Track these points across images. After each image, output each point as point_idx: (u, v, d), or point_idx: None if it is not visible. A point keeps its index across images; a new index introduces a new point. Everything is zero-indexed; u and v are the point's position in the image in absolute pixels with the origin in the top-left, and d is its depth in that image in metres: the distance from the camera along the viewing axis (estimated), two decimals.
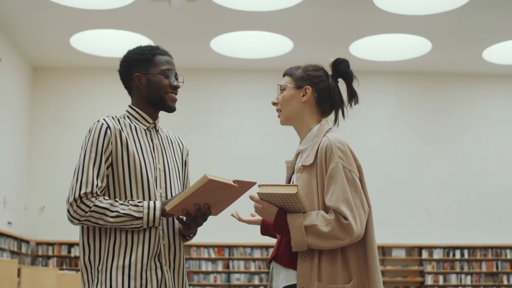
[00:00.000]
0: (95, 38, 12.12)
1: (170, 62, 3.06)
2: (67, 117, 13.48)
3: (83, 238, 2.88)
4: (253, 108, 13.72)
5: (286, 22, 11.24)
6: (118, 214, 2.75)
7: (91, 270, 2.82)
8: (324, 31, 11.68)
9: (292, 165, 2.99)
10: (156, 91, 2.99)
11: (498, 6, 10.60)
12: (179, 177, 3.04)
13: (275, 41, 12.12)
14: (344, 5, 10.55)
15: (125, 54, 3.13)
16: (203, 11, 10.78)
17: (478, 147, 13.78)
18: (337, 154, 2.72)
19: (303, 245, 2.63)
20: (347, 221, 2.61)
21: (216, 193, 2.72)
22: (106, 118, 2.91)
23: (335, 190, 2.66)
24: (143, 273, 2.77)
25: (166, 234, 2.88)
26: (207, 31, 11.56)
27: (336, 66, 2.98)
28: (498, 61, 13.01)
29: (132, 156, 2.84)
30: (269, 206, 2.70)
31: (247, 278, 13.15)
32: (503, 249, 13.45)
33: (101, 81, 13.61)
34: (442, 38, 11.88)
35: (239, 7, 10.48)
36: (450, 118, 13.90)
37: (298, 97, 2.93)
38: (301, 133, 2.96)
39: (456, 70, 13.76)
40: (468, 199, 13.44)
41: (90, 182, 2.77)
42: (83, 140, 2.89)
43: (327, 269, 2.66)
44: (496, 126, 13.95)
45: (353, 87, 2.95)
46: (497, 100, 14.14)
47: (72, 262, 12.88)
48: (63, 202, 12.35)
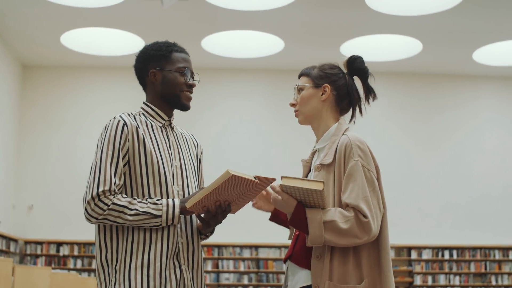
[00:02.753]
0: (86, 36, 12.08)
1: (186, 59, 3.02)
2: (57, 115, 13.43)
3: (100, 237, 2.82)
4: (244, 107, 13.71)
5: (277, 21, 11.23)
6: (137, 212, 2.70)
7: (108, 269, 2.77)
8: (315, 31, 11.69)
9: (308, 163, 2.97)
10: (171, 89, 2.94)
11: (489, 8, 10.63)
12: (195, 175, 3.00)
13: (266, 40, 12.12)
14: (336, 5, 10.55)
15: (141, 50, 3.07)
16: (194, 10, 10.76)
17: (467, 147, 13.82)
18: (356, 152, 2.72)
19: (320, 240, 2.61)
20: (367, 219, 2.61)
21: (237, 190, 2.69)
22: (122, 115, 2.87)
23: (354, 188, 2.66)
24: (162, 272, 2.73)
25: (184, 232, 2.84)
26: (198, 30, 11.54)
27: (352, 63, 2.96)
28: (488, 63, 13.05)
29: (149, 153, 2.80)
30: (289, 198, 2.66)
31: (237, 277, 13.13)
32: (492, 249, 13.49)
33: (91, 79, 13.57)
34: (433, 39, 11.91)
35: (231, 6, 10.46)
36: (440, 118, 13.93)
37: (317, 96, 2.92)
38: (319, 132, 2.94)
39: (447, 71, 13.80)
40: (457, 199, 13.47)
41: (108, 180, 2.72)
42: (98, 138, 2.84)
43: (339, 268, 2.64)
44: (486, 127, 14.00)
45: (369, 84, 2.95)
46: (487, 101, 14.19)
47: (60, 261, 12.83)
48: (52, 200, 12.33)
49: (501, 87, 14.15)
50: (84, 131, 13.31)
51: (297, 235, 2.82)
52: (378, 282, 2.67)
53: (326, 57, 12.19)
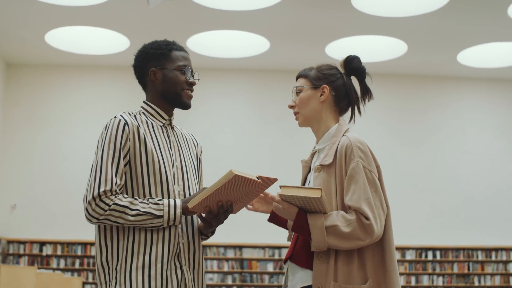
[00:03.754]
0: (71, 35, 12.01)
1: (186, 58, 3.01)
2: (41, 114, 13.36)
3: (100, 238, 2.79)
4: (229, 107, 13.70)
5: (263, 22, 11.23)
6: (138, 212, 2.68)
7: (108, 270, 2.75)
8: (301, 32, 11.70)
9: (307, 164, 2.98)
10: (172, 87, 2.93)
11: (473, 10, 10.68)
12: (195, 175, 2.99)
13: (251, 40, 12.11)
14: (322, 6, 10.56)
15: (140, 49, 3.04)
16: (180, 10, 10.74)
17: (451, 148, 13.89)
18: (357, 154, 2.72)
19: (324, 245, 2.62)
20: (369, 221, 2.61)
21: (239, 190, 2.68)
22: (123, 114, 2.84)
23: (356, 189, 2.66)
24: (164, 273, 2.72)
25: (185, 233, 2.83)
26: (183, 30, 11.52)
27: (349, 63, 2.99)
28: (473, 64, 13.11)
29: (151, 153, 2.78)
30: (290, 207, 2.67)
31: (220, 278, 13.12)
32: (475, 250, 13.56)
33: (76, 78, 13.50)
34: (418, 40, 11.95)
35: (216, 6, 10.45)
36: (425, 120, 13.98)
37: (316, 97, 2.91)
38: (319, 133, 2.94)
39: (432, 72, 13.85)
40: (441, 200, 13.53)
41: (109, 180, 2.69)
42: (99, 137, 2.81)
43: (343, 269, 2.65)
44: (470, 128, 14.07)
45: (366, 84, 2.98)
46: (471, 102, 14.25)
47: (43, 260, 12.76)
48: (36, 200, 12.25)
49: (485, 89, 14.23)
50: (68, 131, 13.25)
51: (297, 236, 2.82)
52: (383, 282, 2.68)
53: (312, 57, 12.35)
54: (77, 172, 12.95)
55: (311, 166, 2.95)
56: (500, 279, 13.44)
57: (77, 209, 12.69)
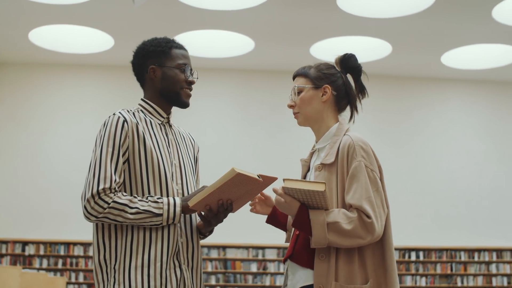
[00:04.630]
0: (55, 33, 11.93)
1: (186, 56, 3.00)
2: (24, 113, 13.27)
3: (98, 236, 2.76)
4: (213, 107, 13.68)
5: (248, 21, 11.23)
6: (137, 210, 2.65)
7: (106, 269, 2.72)
8: (286, 32, 11.70)
9: (306, 163, 2.98)
10: (171, 86, 2.91)
11: (457, 12, 10.73)
12: (193, 173, 2.97)
13: (236, 40, 12.10)
14: (307, 6, 10.57)
15: (139, 46, 3.04)
16: (165, 9, 10.71)
17: (434, 149, 13.94)
18: (359, 153, 2.73)
19: (324, 242, 2.61)
20: (370, 219, 2.62)
21: (240, 188, 2.66)
22: (122, 111, 2.82)
23: (357, 188, 2.66)
24: (163, 272, 2.69)
25: (184, 231, 2.80)
26: (168, 29, 11.47)
27: (346, 61, 2.98)
28: (456, 66, 13.18)
29: (149, 151, 2.76)
30: (292, 200, 2.66)
31: (204, 278, 13.05)
32: (458, 251, 13.62)
33: (60, 77, 13.43)
34: (403, 41, 11.99)
35: (202, 6, 10.43)
36: (408, 120, 14.03)
37: (318, 97, 2.91)
38: (319, 133, 2.93)
39: (416, 74, 13.90)
40: (423, 201, 13.58)
41: (108, 178, 2.66)
42: (97, 134, 2.78)
43: (344, 269, 2.64)
44: (454, 130, 14.13)
45: (361, 82, 2.99)
46: (454, 103, 14.31)
47: (26, 260, 12.67)
48: (18, 199, 12.15)
49: (469, 90, 14.30)
50: (52, 130, 13.17)
51: (297, 235, 2.81)
52: (383, 282, 2.68)
53: (296, 58, 12.38)
54: (60, 172, 12.89)
55: (310, 165, 2.95)
56: (482, 279, 13.51)
57: (60, 209, 12.69)
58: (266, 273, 13.11)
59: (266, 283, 13.03)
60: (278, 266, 13.11)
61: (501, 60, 12.95)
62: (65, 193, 12.73)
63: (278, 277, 13.06)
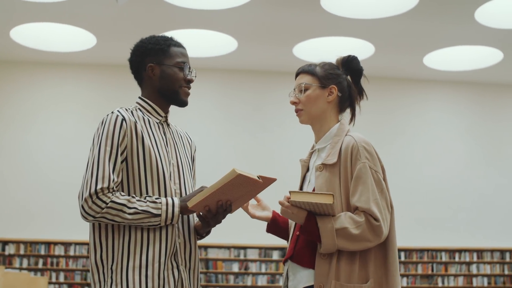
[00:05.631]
0: (37, 31, 11.84)
1: (185, 54, 2.97)
2: (6, 112, 13.17)
3: (94, 236, 2.71)
4: (196, 107, 13.63)
5: (231, 21, 11.21)
6: (136, 210, 2.62)
7: (103, 269, 2.68)
8: (269, 32, 11.69)
9: (306, 163, 2.95)
10: (170, 84, 2.88)
11: (439, 14, 10.77)
12: (190, 173, 2.95)
13: (219, 40, 12.08)
14: (291, 6, 10.57)
15: (137, 43, 3.00)
16: (148, 8, 10.67)
17: (416, 150, 14.00)
18: (363, 154, 2.73)
19: (333, 248, 2.61)
20: (378, 222, 2.62)
21: (240, 189, 2.64)
22: (120, 110, 2.77)
23: (364, 191, 2.65)
24: (161, 273, 2.66)
25: (181, 232, 2.77)
26: (151, 28, 11.43)
27: (349, 63, 2.98)
28: (438, 67, 13.24)
29: (148, 150, 2.72)
30: (299, 211, 2.65)
31: None
32: (438, 251, 13.68)
33: (42, 75, 13.34)
34: (386, 43, 12.03)
35: (185, 5, 10.40)
36: (390, 121, 14.08)
37: (323, 97, 2.90)
38: (320, 132, 2.92)
39: (398, 75, 13.95)
40: (405, 201, 13.61)
41: (106, 177, 2.62)
42: (94, 133, 2.73)
43: (345, 268, 2.64)
44: (435, 131, 14.19)
45: (361, 84, 2.99)
46: (436, 104, 14.39)
47: (6, 260, 12.57)
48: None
49: (450, 92, 14.38)
50: (34, 128, 13.07)
51: (298, 235, 2.80)
52: (384, 282, 2.67)
53: (279, 58, 12.33)
54: (40, 171, 12.81)
55: (309, 165, 2.93)
56: (463, 280, 13.58)
57: (40, 208, 12.61)
58: (247, 273, 13.10)
59: (248, 283, 13.02)
60: (259, 266, 13.10)
61: (483, 62, 13.02)
62: (46, 193, 12.66)
63: (259, 277, 13.06)
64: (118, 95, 12.75)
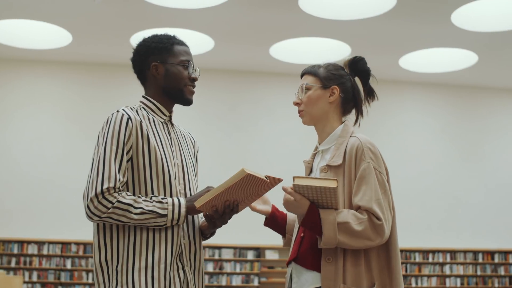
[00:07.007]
0: (12, 27, 11.71)
1: (188, 52, 2.92)
2: None
3: (99, 236, 2.67)
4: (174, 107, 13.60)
5: (208, 20, 11.18)
6: (142, 211, 2.58)
7: (107, 270, 2.63)
8: (246, 32, 11.69)
9: (309, 165, 2.93)
10: (174, 83, 2.85)
11: (418, 16, 10.83)
12: (194, 173, 2.90)
13: (196, 39, 12.04)
14: (268, 6, 10.56)
15: (140, 42, 2.95)
16: (125, 6, 10.60)
17: (389, 150, 14.05)
18: (368, 155, 2.72)
19: (334, 242, 2.58)
20: (380, 221, 2.60)
21: (248, 189, 2.61)
22: (125, 109, 2.73)
23: (367, 190, 2.64)
24: (167, 274, 2.62)
25: (186, 232, 2.73)
26: (128, 27, 11.38)
27: (355, 64, 2.98)
28: (414, 69, 13.32)
29: (154, 150, 2.68)
30: (302, 199, 2.62)
31: None
32: (412, 252, 13.77)
33: (17, 73, 13.21)
34: (362, 44, 12.07)
35: (162, 3, 10.35)
36: (363, 122, 14.10)
37: (325, 97, 2.88)
38: (323, 133, 2.90)
39: (374, 76, 14.00)
40: None
41: (112, 177, 2.57)
42: (99, 132, 2.68)
43: (352, 271, 2.61)
44: (410, 132, 14.28)
45: (370, 85, 3.00)
46: (410, 105, 14.48)
47: None
48: None
49: (425, 93, 14.48)
50: (9, 126, 12.94)
51: (302, 237, 2.77)
52: (388, 284, 2.66)
53: (256, 58, 12.30)
54: (15, 169, 12.69)
55: (313, 166, 2.92)
56: (436, 280, 13.68)
57: (13, 207, 12.50)
58: (222, 273, 13.09)
59: (222, 283, 13.01)
60: (234, 266, 13.10)
61: (458, 64, 13.13)
62: (20, 191, 12.55)
63: (234, 277, 13.05)
64: (93, 93, 12.67)
